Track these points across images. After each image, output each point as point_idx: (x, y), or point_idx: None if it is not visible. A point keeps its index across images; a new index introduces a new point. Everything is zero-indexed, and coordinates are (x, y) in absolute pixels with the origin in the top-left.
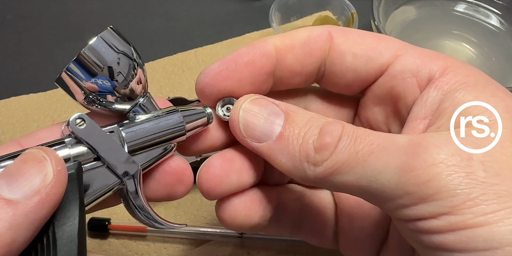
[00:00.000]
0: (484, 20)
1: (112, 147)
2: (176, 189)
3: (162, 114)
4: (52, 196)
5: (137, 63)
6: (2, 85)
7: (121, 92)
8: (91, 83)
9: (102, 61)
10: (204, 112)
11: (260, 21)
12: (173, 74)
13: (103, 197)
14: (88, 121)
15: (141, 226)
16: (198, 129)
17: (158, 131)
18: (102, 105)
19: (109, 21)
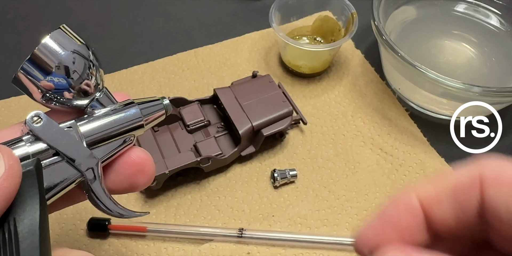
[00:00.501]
0: (484, 20)
1: (69, 142)
2: (138, 180)
3: (119, 107)
4: (5, 189)
5: (92, 62)
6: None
7: (76, 89)
8: (46, 82)
9: (55, 60)
10: (162, 103)
11: (260, 21)
12: (173, 74)
13: (65, 191)
14: (45, 118)
15: (141, 226)
16: (156, 120)
17: (116, 124)
18: (60, 102)
19: (109, 21)
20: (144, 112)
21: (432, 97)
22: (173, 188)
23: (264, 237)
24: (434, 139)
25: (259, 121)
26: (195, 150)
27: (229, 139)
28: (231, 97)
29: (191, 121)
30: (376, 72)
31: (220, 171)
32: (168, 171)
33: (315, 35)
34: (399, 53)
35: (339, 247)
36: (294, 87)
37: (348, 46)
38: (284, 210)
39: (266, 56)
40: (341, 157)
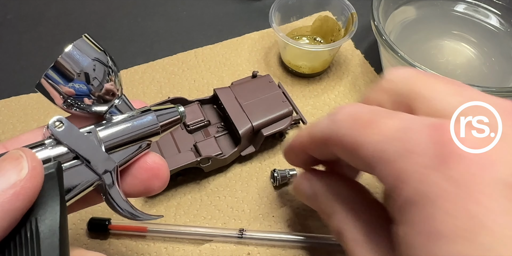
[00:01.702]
0: (483, 20)
1: (89, 147)
2: (153, 184)
3: (136, 114)
4: (27, 189)
5: (111, 68)
6: (2, 85)
7: (96, 95)
8: (68, 88)
9: (77, 67)
10: (177, 111)
11: (260, 21)
12: (173, 74)
13: (84, 193)
14: (66, 123)
15: (141, 226)
16: (171, 127)
17: (133, 130)
18: (80, 108)
19: (109, 21)
20: (160, 119)
21: None
22: (173, 188)
23: (264, 237)
24: None
25: (259, 121)
26: (195, 150)
27: (229, 139)
28: (231, 97)
29: (191, 121)
30: (376, 72)
31: (220, 171)
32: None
33: (315, 35)
34: (399, 53)
35: (339, 249)
36: (294, 87)
37: (348, 46)
38: (284, 210)
39: (266, 56)
40: None
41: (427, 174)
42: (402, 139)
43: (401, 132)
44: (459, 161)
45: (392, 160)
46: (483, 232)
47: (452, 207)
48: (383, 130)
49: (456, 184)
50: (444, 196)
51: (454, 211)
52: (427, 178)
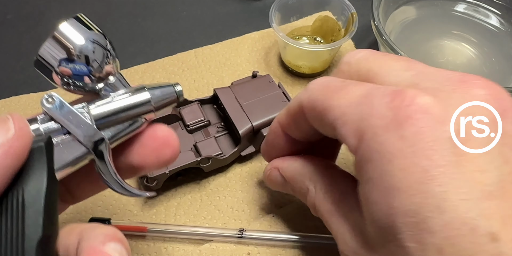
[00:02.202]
0: (484, 20)
1: (80, 122)
2: (164, 152)
3: (129, 91)
4: (16, 148)
5: (108, 50)
6: (2, 85)
7: (93, 75)
8: (65, 68)
9: (72, 46)
10: (173, 88)
11: (260, 21)
12: (173, 74)
13: (76, 167)
14: (58, 99)
15: (141, 226)
16: (167, 105)
17: (125, 107)
18: (76, 86)
19: (109, 21)
20: (154, 97)
21: None
22: (173, 188)
23: (265, 237)
24: None
25: (259, 121)
26: (195, 150)
27: (229, 139)
28: (231, 97)
29: (191, 121)
30: None
31: (220, 171)
32: (168, 171)
33: (315, 35)
34: (399, 53)
35: None
36: (294, 87)
37: (348, 46)
38: (284, 210)
39: (266, 56)
40: (340, 156)
41: (383, 134)
42: (365, 103)
43: (364, 97)
44: (412, 123)
45: (354, 121)
46: (435, 183)
47: (405, 163)
48: (350, 95)
49: (409, 143)
50: (398, 153)
51: (407, 166)
52: (382, 137)
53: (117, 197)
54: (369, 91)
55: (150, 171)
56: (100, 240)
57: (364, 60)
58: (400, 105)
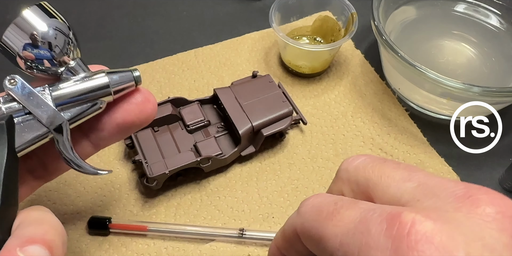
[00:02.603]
0: (484, 20)
1: (40, 103)
2: (146, 106)
3: (89, 75)
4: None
5: (68, 35)
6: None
7: (54, 59)
8: (29, 53)
9: (35, 32)
10: (131, 74)
11: (260, 21)
12: (173, 74)
13: (36, 145)
14: (19, 81)
15: (141, 225)
16: (125, 89)
17: (84, 90)
18: (39, 70)
19: (109, 21)
20: (112, 80)
21: (432, 97)
22: (173, 188)
23: (265, 237)
24: (434, 139)
25: (259, 121)
26: (195, 150)
27: (229, 139)
28: (231, 97)
29: (191, 121)
30: (376, 72)
31: (220, 171)
32: (168, 171)
33: (315, 35)
34: (399, 53)
35: None
36: (294, 87)
37: (348, 46)
38: (284, 211)
39: (266, 56)
40: (341, 157)
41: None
42: (362, 231)
43: (360, 224)
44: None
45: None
46: None
47: None
48: (345, 222)
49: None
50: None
51: None
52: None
53: (117, 197)
54: (364, 215)
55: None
56: (20, 242)
57: (363, 169)
58: (400, 234)
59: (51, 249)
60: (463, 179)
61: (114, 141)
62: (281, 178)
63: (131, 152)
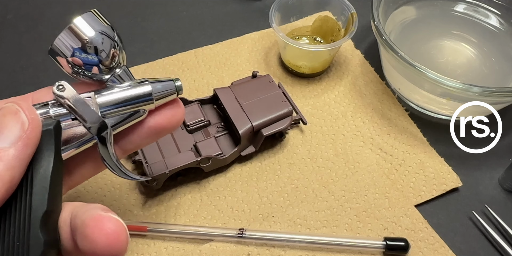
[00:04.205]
0: (483, 20)
1: (86, 109)
2: (177, 111)
3: (134, 83)
4: (32, 138)
5: (116, 42)
6: (2, 85)
7: (102, 66)
8: (77, 58)
9: (84, 37)
10: (173, 83)
11: (260, 21)
12: (173, 74)
13: (80, 149)
14: (67, 87)
15: (142, 226)
16: (166, 98)
17: (128, 98)
18: (85, 76)
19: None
20: (155, 89)
21: (432, 97)
22: (173, 188)
23: (264, 237)
24: (434, 139)
25: (259, 121)
26: (195, 150)
27: (229, 139)
28: (231, 97)
29: (191, 121)
30: (376, 72)
31: (220, 171)
32: (168, 171)
33: (315, 35)
34: (399, 53)
35: (339, 249)
36: (294, 87)
37: (348, 46)
38: (284, 211)
39: (266, 56)
40: (341, 157)
41: None
42: None
43: None
44: None
45: None
46: None
47: None
48: None
49: None
50: None
51: None
52: None
53: (117, 197)
54: None
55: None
56: (100, 209)
57: None
58: None
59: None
60: (463, 179)
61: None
62: (281, 178)
63: None
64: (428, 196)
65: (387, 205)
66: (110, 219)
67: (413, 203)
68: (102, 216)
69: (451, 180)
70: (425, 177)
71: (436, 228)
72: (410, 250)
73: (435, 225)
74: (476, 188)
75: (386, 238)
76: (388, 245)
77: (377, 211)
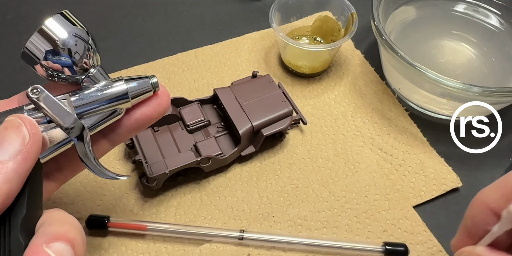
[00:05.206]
0: (483, 20)
1: (61, 112)
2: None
3: (108, 83)
4: (32, 153)
5: (89, 43)
6: (2, 85)
7: (75, 67)
8: (49, 60)
9: (56, 39)
10: (149, 80)
11: (260, 21)
12: (173, 74)
13: (59, 151)
14: (42, 91)
15: (141, 225)
16: (143, 95)
17: (104, 98)
18: (61, 78)
19: (109, 21)
20: (130, 88)
21: (432, 97)
22: (173, 188)
23: (265, 239)
24: (434, 139)
25: (259, 121)
26: (195, 150)
27: (229, 139)
28: (231, 97)
29: (191, 121)
30: (376, 72)
31: (220, 171)
32: (168, 171)
33: (315, 35)
34: (399, 53)
35: (339, 250)
36: (294, 87)
37: (348, 46)
38: (284, 211)
39: (266, 56)
40: (341, 157)
41: None
42: None
43: None
44: None
45: None
46: None
47: None
48: None
49: None
50: None
51: None
52: None
53: (117, 196)
54: None
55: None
56: (46, 239)
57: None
58: None
59: (73, 246)
60: (463, 179)
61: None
62: (281, 178)
63: (131, 152)
64: (428, 196)
65: (387, 207)
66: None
67: (413, 204)
68: (40, 250)
69: (451, 180)
70: (425, 177)
71: (436, 228)
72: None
73: (435, 226)
74: (476, 188)
75: (385, 243)
76: (388, 250)
77: (377, 213)
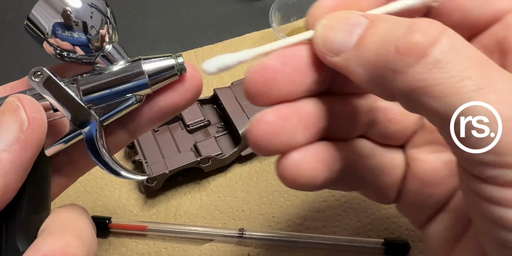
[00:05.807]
0: None
1: (68, 99)
2: (192, 83)
3: (125, 64)
4: (31, 141)
5: (107, 17)
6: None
7: (91, 44)
8: (58, 36)
9: (68, 9)
10: (174, 61)
11: (260, 21)
12: None
13: (68, 144)
14: (45, 74)
15: (142, 225)
16: (167, 80)
17: (117, 82)
18: (72, 58)
19: None
20: (150, 69)
21: None
22: (173, 188)
23: (264, 237)
24: None
25: None
26: (195, 150)
27: (229, 139)
28: (231, 97)
29: (191, 121)
30: None
31: (220, 171)
32: (168, 171)
33: None
34: None
35: (339, 249)
36: None
37: None
38: (284, 210)
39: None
40: None
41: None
42: None
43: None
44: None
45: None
46: None
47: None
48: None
49: None
50: None
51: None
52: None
53: (117, 197)
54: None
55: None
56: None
57: None
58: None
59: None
60: None
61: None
62: None
63: (131, 152)
64: None
65: (387, 205)
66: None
67: None
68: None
69: None
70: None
71: None
72: (410, 251)
73: None
74: None
75: (386, 239)
76: (388, 247)
77: (377, 211)
